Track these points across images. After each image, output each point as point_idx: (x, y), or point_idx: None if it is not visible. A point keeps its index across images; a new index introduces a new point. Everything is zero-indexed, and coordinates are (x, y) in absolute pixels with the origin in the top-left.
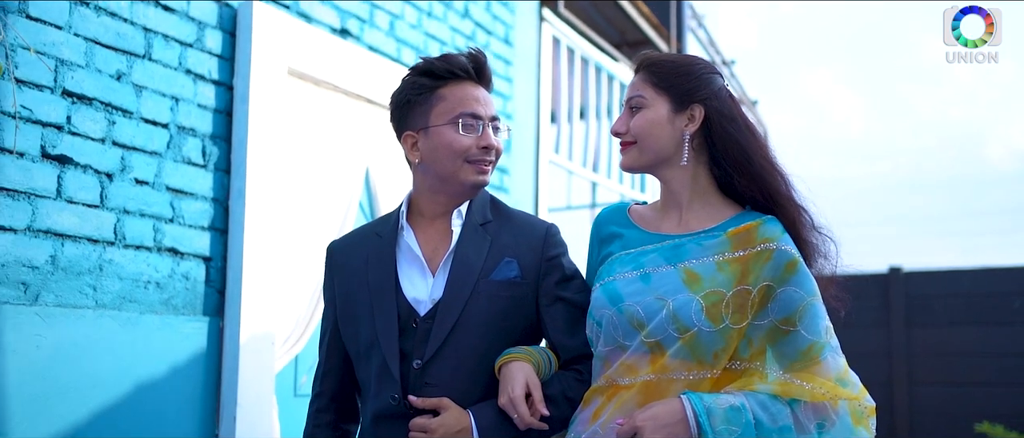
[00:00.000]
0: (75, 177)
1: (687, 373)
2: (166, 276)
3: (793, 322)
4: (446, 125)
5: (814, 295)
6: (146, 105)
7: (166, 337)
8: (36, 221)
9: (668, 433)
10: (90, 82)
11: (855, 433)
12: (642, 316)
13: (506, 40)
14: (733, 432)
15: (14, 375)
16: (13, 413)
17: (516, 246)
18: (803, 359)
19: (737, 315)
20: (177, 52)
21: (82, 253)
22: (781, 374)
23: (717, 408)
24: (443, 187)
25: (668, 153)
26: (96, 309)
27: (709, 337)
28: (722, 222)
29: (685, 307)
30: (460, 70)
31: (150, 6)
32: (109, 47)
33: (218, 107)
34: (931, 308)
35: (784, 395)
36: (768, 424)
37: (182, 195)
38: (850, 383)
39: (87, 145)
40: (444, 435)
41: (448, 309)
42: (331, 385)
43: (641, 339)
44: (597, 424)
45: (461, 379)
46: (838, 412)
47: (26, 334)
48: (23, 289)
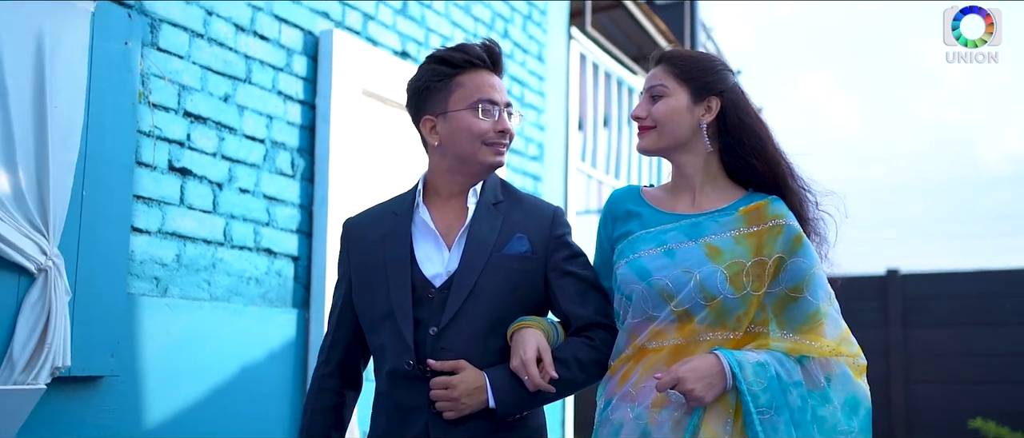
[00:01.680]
0: (194, 187)
1: (712, 335)
2: (263, 273)
3: (801, 289)
4: (465, 110)
5: (817, 265)
6: (247, 123)
7: (263, 326)
8: (165, 224)
9: (707, 383)
10: (205, 104)
11: (857, 384)
12: (671, 288)
13: (539, 57)
14: (760, 383)
15: (149, 357)
16: (149, 390)
17: (526, 224)
18: (809, 322)
19: (756, 282)
20: (271, 76)
21: (199, 253)
22: (790, 335)
23: (747, 363)
24: (461, 167)
25: (684, 139)
26: (210, 301)
27: (733, 303)
28: (733, 202)
29: (711, 277)
30: (476, 59)
31: (250, 36)
32: (219, 73)
33: (303, 124)
34: (927, 309)
35: (793, 353)
36: (785, 378)
37: (275, 202)
38: (849, 343)
39: (202, 159)
40: (463, 392)
41: (463, 280)
42: (338, 354)
43: (671, 309)
44: (627, 385)
45: (474, 345)
46: (838, 366)
47: (158, 322)
48: (155, 283)
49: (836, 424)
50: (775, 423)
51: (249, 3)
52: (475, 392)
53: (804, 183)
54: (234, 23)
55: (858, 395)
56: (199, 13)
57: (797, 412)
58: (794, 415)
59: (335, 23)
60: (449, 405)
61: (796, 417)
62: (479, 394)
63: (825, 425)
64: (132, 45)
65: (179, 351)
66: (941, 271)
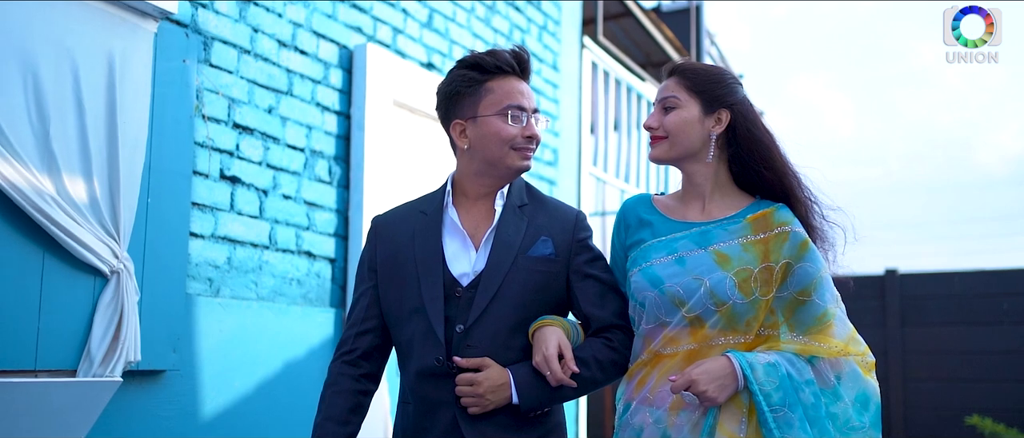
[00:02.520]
0: (242, 193)
1: (724, 340)
2: (304, 275)
3: (809, 293)
4: (494, 115)
5: (824, 269)
6: (289, 133)
7: (304, 325)
8: (217, 229)
9: (719, 384)
10: (252, 115)
11: (866, 380)
12: (682, 295)
13: (554, 66)
14: (772, 383)
15: (203, 353)
16: (203, 383)
17: (550, 227)
18: (818, 324)
19: (764, 288)
20: (310, 88)
21: (248, 255)
22: (800, 337)
23: (758, 363)
24: (489, 170)
25: (695, 149)
26: (257, 301)
27: (742, 308)
28: (740, 210)
29: (720, 284)
30: (506, 65)
31: (292, 51)
32: (264, 87)
33: (339, 133)
34: (925, 308)
35: (804, 353)
36: (797, 377)
37: (315, 207)
38: (857, 342)
39: (250, 167)
40: (488, 388)
41: (490, 280)
42: (365, 344)
43: (682, 314)
44: (645, 390)
45: (498, 343)
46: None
47: (211, 320)
48: (209, 284)
49: (848, 420)
50: (789, 420)
51: (290, 20)
52: (499, 389)
53: (810, 193)
54: (277, 39)
55: (868, 391)
56: (246, 31)
57: (811, 409)
58: (808, 412)
59: (367, 37)
60: (474, 401)
61: (810, 414)
62: (503, 390)
63: (837, 421)
64: (189, 62)
65: (229, 347)
66: (939, 271)
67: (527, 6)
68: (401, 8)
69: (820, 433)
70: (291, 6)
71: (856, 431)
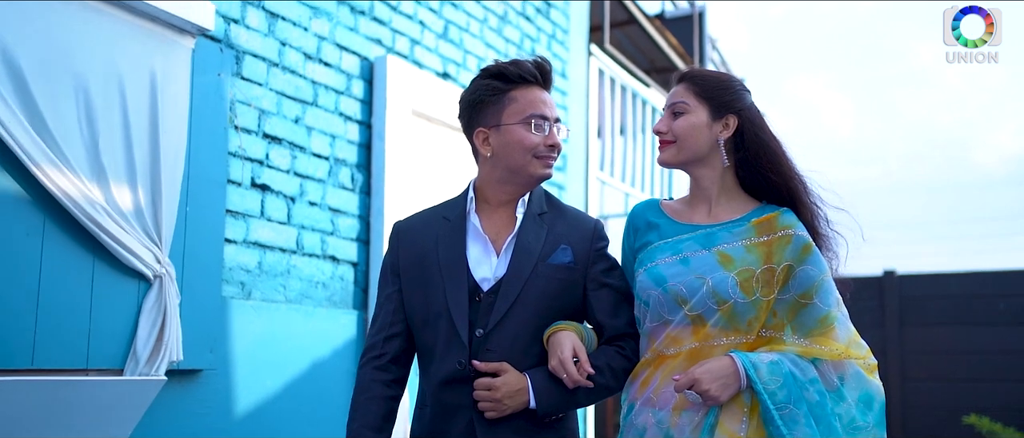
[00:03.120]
0: (272, 201)
1: (726, 339)
2: (329, 278)
3: (810, 296)
4: (517, 124)
5: (826, 273)
6: (315, 142)
7: (329, 326)
8: (248, 235)
9: (722, 383)
10: (280, 126)
11: (870, 381)
12: (685, 293)
13: (562, 74)
14: (776, 381)
15: (237, 354)
16: (237, 382)
17: (569, 235)
18: (820, 327)
19: (765, 289)
20: (334, 99)
21: (276, 260)
22: (802, 340)
23: (761, 362)
24: (511, 178)
25: (703, 153)
26: (286, 303)
27: (743, 307)
28: (746, 213)
29: (722, 283)
30: (529, 75)
31: (317, 63)
32: (291, 98)
33: (361, 142)
34: (923, 309)
35: (806, 355)
36: (800, 376)
37: (338, 213)
38: (859, 345)
39: (279, 176)
40: (506, 393)
41: (510, 286)
42: (394, 348)
43: (685, 313)
44: (648, 390)
45: (517, 348)
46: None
47: (243, 322)
48: (241, 287)
49: (852, 419)
50: (795, 416)
51: (316, 33)
52: (517, 394)
53: (817, 197)
54: (304, 52)
55: (872, 391)
56: (275, 44)
57: (816, 407)
58: (813, 409)
59: (387, 49)
60: (491, 405)
61: (815, 412)
62: (521, 395)
63: (842, 420)
64: (223, 76)
65: (260, 348)
66: (936, 272)
67: (537, 16)
68: (418, 20)
69: (826, 430)
70: (316, 20)
71: (861, 430)
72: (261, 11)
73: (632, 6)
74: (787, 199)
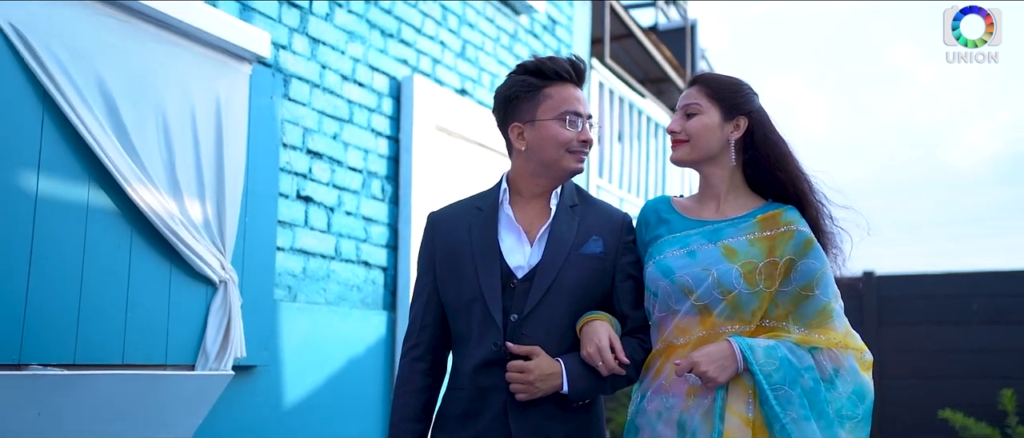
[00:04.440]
0: (314, 211)
1: (731, 328)
2: (362, 282)
3: (812, 288)
4: (552, 120)
5: (826, 266)
6: (350, 156)
7: (362, 326)
8: (294, 243)
9: (719, 365)
10: (321, 142)
11: (863, 377)
12: (691, 284)
13: None
14: (772, 363)
15: (285, 351)
16: (284, 376)
17: (600, 227)
18: (819, 317)
19: (768, 280)
20: (367, 116)
21: (318, 265)
22: (802, 329)
23: (757, 346)
24: (545, 171)
25: (714, 153)
26: (326, 306)
27: (747, 298)
28: (752, 210)
29: (727, 274)
30: (564, 72)
31: (352, 84)
32: (331, 116)
33: (390, 155)
34: (901, 309)
35: (804, 344)
36: (796, 363)
37: (371, 222)
38: (854, 336)
39: (320, 188)
40: (538, 376)
41: (545, 273)
42: (428, 337)
43: (691, 303)
44: (660, 379)
45: (552, 334)
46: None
47: (291, 323)
48: (288, 291)
49: (841, 408)
50: (789, 397)
51: (351, 56)
52: (550, 378)
53: (822, 196)
54: (341, 74)
55: (864, 387)
56: (316, 67)
57: (810, 392)
58: (808, 393)
59: (412, 68)
60: (523, 388)
61: (810, 396)
62: (553, 379)
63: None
64: (275, 98)
65: (305, 345)
66: (913, 273)
67: (544, 33)
68: (439, 40)
69: (818, 415)
70: (351, 43)
71: (849, 420)
72: (305, 37)
73: (629, 21)
74: (793, 197)
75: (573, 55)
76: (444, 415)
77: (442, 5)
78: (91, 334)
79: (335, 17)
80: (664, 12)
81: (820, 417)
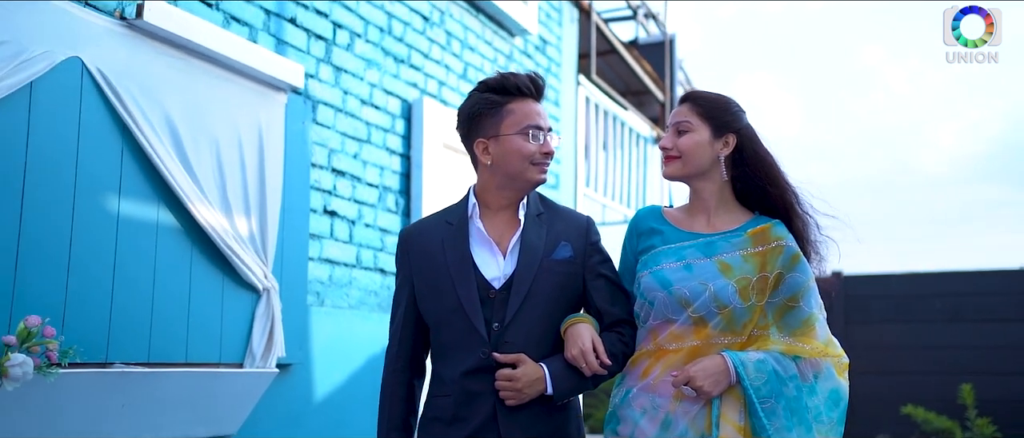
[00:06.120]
0: (338, 224)
1: (723, 339)
2: (379, 287)
3: (797, 299)
4: (515, 134)
5: (811, 279)
6: (368, 173)
7: (379, 329)
8: (321, 253)
9: (714, 379)
10: (344, 161)
11: (838, 380)
12: (688, 297)
13: (556, 102)
14: (761, 378)
15: (315, 351)
16: (314, 374)
17: (567, 233)
18: (803, 327)
19: (759, 295)
20: (382, 136)
21: (342, 273)
22: (786, 338)
23: (748, 361)
24: (510, 184)
25: (705, 168)
26: (348, 310)
27: (741, 312)
28: (742, 224)
29: (723, 290)
30: (524, 88)
31: (370, 107)
32: (351, 137)
33: (402, 172)
34: (867, 308)
35: (789, 353)
36: (782, 373)
37: (386, 233)
38: (835, 345)
39: (343, 202)
40: (525, 383)
41: (521, 282)
42: (408, 349)
43: (688, 314)
44: (648, 379)
45: (532, 338)
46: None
47: (318, 326)
48: (317, 296)
49: (819, 412)
50: (775, 409)
51: (369, 82)
52: (535, 382)
53: (809, 206)
54: (360, 99)
55: (840, 390)
56: (339, 93)
57: (792, 400)
58: (789, 403)
59: (421, 91)
60: (512, 394)
61: (791, 405)
62: (539, 383)
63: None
64: (305, 123)
65: (330, 346)
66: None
67: (536, 53)
68: (444, 64)
69: (798, 421)
70: (369, 70)
71: (824, 423)
72: (329, 66)
73: (612, 38)
74: (781, 210)
75: (532, 72)
76: (431, 419)
77: (446, 31)
78: (161, 336)
79: (355, 47)
80: (644, 27)
81: (801, 423)
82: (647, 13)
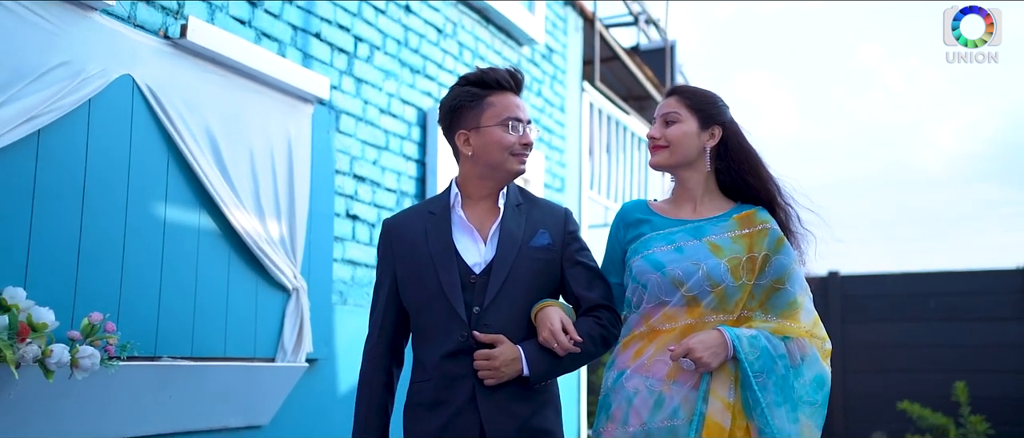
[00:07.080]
0: (359, 227)
1: (715, 318)
2: None
3: (782, 281)
4: (496, 126)
5: (796, 262)
6: (386, 179)
7: None
8: (344, 254)
9: (713, 352)
10: (364, 167)
11: (823, 366)
12: (681, 277)
13: (561, 108)
14: (755, 353)
15: (338, 347)
16: (338, 369)
17: (545, 222)
18: (789, 308)
19: (749, 274)
20: (399, 143)
21: (363, 273)
22: (774, 319)
23: (744, 336)
24: (491, 174)
25: (691, 158)
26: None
27: (732, 290)
28: (727, 210)
29: (716, 269)
30: (504, 82)
31: (388, 116)
32: (371, 145)
33: (418, 177)
34: (863, 307)
35: (777, 333)
36: (772, 351)
37: None
38: (820, 327)
39: (363, 207)
40: (503, 362)
41: (501, 267)
42: (387, 336)
43: (681, 294)
44: (642, 359)
45: (511, 322)
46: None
47: (341, 324)
48: (340, 295)
49: (804, 393)
50: (766, 384)
51: (387, 92)
52: (512, 362)
53: (790, 199)
54: (379, 108)
55: (824, 375)
56: (359, 103)
57: (781, 379)
58: (778, 382)
59: (435, 100)
60: (490, 374)
61: (780, 383)
62: (515, 364)
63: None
64: (330, 132)
65: (351, 342)
66: (875, 273)
67: (542, 61)
68: (457, 74)
69: (785, 399)
70: (387, 81)
71: (809, 405)
72: (351, 77)
73: (615, 44)
74: (764, 201)
75: (512, 66)
76: (414, 405)
77: (459, 42)
78: (203, 332)
79: (374, 59)
80: (644, 33)
81: (786, 401)
82: (648, 19)
